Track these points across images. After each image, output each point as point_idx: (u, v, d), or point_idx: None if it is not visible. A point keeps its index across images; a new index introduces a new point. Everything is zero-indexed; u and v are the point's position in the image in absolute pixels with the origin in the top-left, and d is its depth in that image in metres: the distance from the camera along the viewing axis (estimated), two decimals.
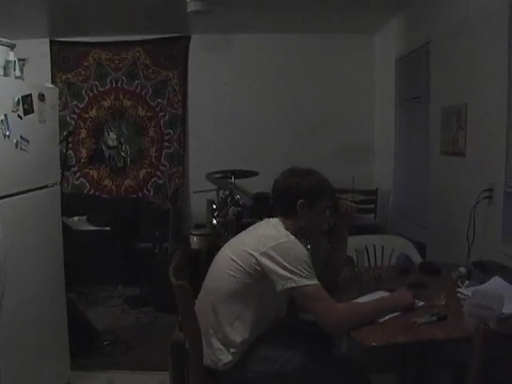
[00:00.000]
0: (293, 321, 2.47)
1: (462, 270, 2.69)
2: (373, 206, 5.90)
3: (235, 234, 2.54)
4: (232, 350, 2.18)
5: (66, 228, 5.35)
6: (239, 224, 4.39)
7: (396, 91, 5.53)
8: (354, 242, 3.45)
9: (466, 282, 2.58)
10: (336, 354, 2.43)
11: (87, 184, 6.35)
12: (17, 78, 2.98)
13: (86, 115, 6.27)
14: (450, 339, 2.01)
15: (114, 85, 6.23)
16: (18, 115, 2.72)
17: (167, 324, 4.24)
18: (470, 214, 3.33)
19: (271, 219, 2.36)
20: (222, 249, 2.35)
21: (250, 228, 2.40)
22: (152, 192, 6.32)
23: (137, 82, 6.22)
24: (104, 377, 3.55)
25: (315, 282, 2.11)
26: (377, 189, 5.97)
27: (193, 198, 6.20)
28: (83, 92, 6.23)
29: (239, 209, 4.56)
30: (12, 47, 3.02)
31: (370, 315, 2.11)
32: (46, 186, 3.10)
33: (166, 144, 6.28)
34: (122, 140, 6.30)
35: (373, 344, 1.93)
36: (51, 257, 3.18)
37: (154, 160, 6.30)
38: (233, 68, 6.18)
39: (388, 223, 5.82)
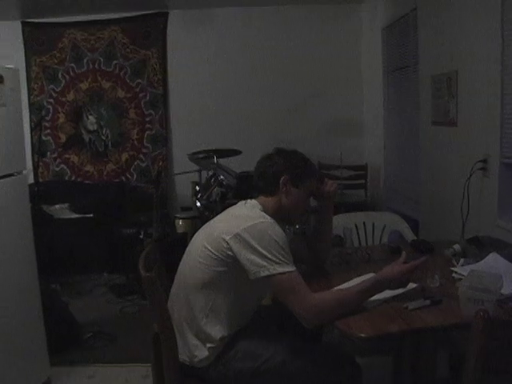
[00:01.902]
0: (278, 311, 2.24)
1: (457, 247, 2.53)
2: (363, 181, 5.74)
3: None
4: (208, 345, 2.00)
5: (47, 217, 5.26)
6: (223, 205, 4.22)
7: (383, 61, 5.36)
8: (343, 220, 3.30)
9: (461, 261, 2.41)
10: (325, 346, 2.24)
11: (68, 170, 6.15)
12: None
13: (64, 99, 6.04)
14: (445, 327, 1.83)
15: (91, 66, 5.99)
16: None
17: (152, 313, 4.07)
18: (464, 187, 3.16)
19: (248, 200, 2.17)
20: (196, 234, 2.16)
21: (226, 210, 2.21)
22: (135, 176, 6.14)
23: (115, 62, 5.98)
24: (85, 371, 3.40)
25: (291, 268, 1.91)
26: (366, 164, 5.82)
27: (178, 181, 6.05)
28: (59, 75, 6.00)
29: (223, 189, 4.39)
30: None
31: (353, 302, 1.91)
32: (12, 175, 2.89)
33: (147, 125, 6.08)
34: (101, 123, 6.09)
35: (361, 335, 1.75)
36: (21, 248, 2.98)
37: (136, 142, 6.10)
38: (214, 44, 5.98)
39: (379, 199, 5.69)
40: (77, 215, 5.44)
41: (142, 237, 5.08)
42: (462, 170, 3.22)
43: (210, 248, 1.99)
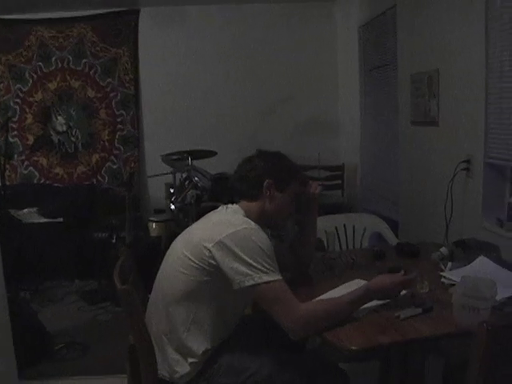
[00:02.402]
0: (260, 320, 2.14)
1: (444, 250, 2.46)
2: (340, 181, 5.70)
3: (195, 220, 2.25)
4: (190, 360, 1.88)
5: (15, 222, 5.07)
6: (198, 208, 4.14)
7: (360, 60, 5.27)
8: (323, 223, 3.21)
9: (449, 264, 2.34)
10: (309, 355, 2.14)
11: (36, 173, 5.95)
12: None
13: (31, 99, 5.83)
14: (439, 336, 1.75)
15: (59, 65, 5.80)
16: None
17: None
18: (447, 188, 3.09)
19: (230, 205, 2.06)
20: (175, 241, 2.04)
21: (205, 216, 2.09)
22: (107, 178, 5.96)
23: (84, 60, 5.80)
24: None
25: (277, 277, 1.81)
26: (343, 164, 5.76)
27: (151, 183, 5.88)
28: (26, 74, 5.79)
29: (198, 192, 4.27)
30: None
31: (343, 313, 1.82)
32: None
33: (119, 126, 5.91)
34: (71, 124, 5.91)
35: (352, 348, 1.66)
36: None
37: (106, 144, 5.93)
38: (187, 43, 5.84)
39: (356, 200, 5.62)
40: (46, 219, 5.26)
41: (114, 241, 4.92)
42: (445, 171, 3.15)
43: (190, 256, 1.87)
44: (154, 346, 1.90)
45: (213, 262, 1.82)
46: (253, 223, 1.90)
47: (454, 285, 2.11)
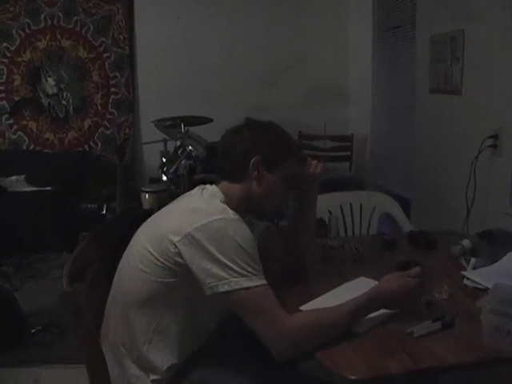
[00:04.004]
0: (240, 324, 1.62)
1: (466, 243, 2.08)
2: (348, 153, 5.34)
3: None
4: (153, 377, 1.54)
5: (1, 190, 4.77)
6: (191, 180, 3.87)
7: (374, 20, 4.96)
8: (326, 201, 2.86)
9: (472, 261, 1.97)
10: (297, 371, 1.77)
11: (26, 138, 5.60)
12: None
13: (19, 59, 5.44)
14: (465, 364, 1.37)
15: (49, 22, 5.38)
16: None
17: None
18: (470, 167, 2.71)
19: (207, 186, 1.67)
20: (137, 233, 1.67)
21: (177, 199, 1.72)
22: (100, 145, 5.62)
23: (75, 18, 5.38)
24: (29, 374, 2.94)
25: (259, 282, 1.45)
26: (352, 134, 5.39)
27: (146, 150, 5.55)
28: (13, 32, 5.38)
29: (191, 162, 3.96)
30: None
31: (340, 327, 1.47)
32: None
33: (112, 89, 5.54)
34: (62, 86, 5.53)
35: (351, 377, 1.30)
36: None
37: (99, 108, 5.56)
38: (186, 0, 5.41)
39: (365, 175, 5.32)
40: (34, 188, 5.01)
41: (104, 212, 4.65)
42: (468, 147, 2.82)
43: (153, 252, 1.51)
44: (111, 357, 1.57)
45: (180, 260, 1.46)
46: (231, 212, 1.52)
47: (478, 289, 1.75)
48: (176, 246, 1.46)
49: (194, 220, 1.48)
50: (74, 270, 1.65)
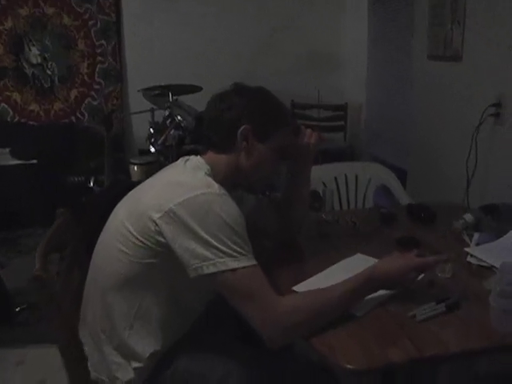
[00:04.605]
0: (225, 307, 1.48)
1: (469, 217, 1.97)
2: (342, 123, 5.23)
3: None
4: (134, 365, 1.44)
5: None
6: (180, 151, 3.72)
7: None
8: (320, 172, 2.77)
9: (475, 236, 1.87)
10: (291, 354, 1.66)
11: (10, 110, 5.43)
12: None
13: (1, 27, 5.24)
14: (473, 352, 1.26)
15: None
16: None
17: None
18: (471, 136, 2.59)
19: (191, 157, 1.54)
20: (116, 208, 1.54)
21: (159, 172, 1.60)
22: (87, 116, 5.47)
23: None
24: (13, 356, 2.86)
25: (248, 262, 1.33)
26: (346, 103, 5.27)
27: (135, 121, 5.41)
28: None
29: (180, 132, 3.84)
30: None
31: (336, 309, 1.37)
32: None
33: (99, 58, 5.37)
34: (46, 56, 5.34)
35: (349, 366, 1.19)
36: None
37: (86, 78, 5.40)
38: None
39: (360, 145, 5.23)
40: (19, 161, 4.86)
41: (91, 185, 4.55)
42: (469, 116, 2.73)
43: (132, 231, 1.38)
44: (90, 343, 1.47)
45: (161, 239, 1.34)
46: (217, 186, 1.39)
47: (483, 267, 1.64)
48: (156, 224, 1.34)
49: (175, 195, 1.35)
50: (49, 249, 1.53)
